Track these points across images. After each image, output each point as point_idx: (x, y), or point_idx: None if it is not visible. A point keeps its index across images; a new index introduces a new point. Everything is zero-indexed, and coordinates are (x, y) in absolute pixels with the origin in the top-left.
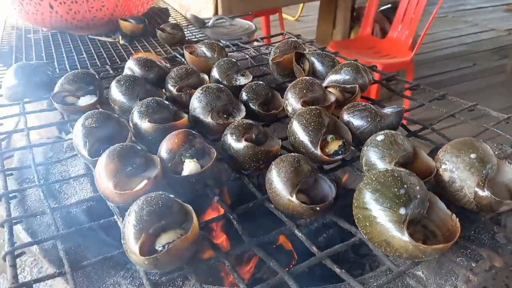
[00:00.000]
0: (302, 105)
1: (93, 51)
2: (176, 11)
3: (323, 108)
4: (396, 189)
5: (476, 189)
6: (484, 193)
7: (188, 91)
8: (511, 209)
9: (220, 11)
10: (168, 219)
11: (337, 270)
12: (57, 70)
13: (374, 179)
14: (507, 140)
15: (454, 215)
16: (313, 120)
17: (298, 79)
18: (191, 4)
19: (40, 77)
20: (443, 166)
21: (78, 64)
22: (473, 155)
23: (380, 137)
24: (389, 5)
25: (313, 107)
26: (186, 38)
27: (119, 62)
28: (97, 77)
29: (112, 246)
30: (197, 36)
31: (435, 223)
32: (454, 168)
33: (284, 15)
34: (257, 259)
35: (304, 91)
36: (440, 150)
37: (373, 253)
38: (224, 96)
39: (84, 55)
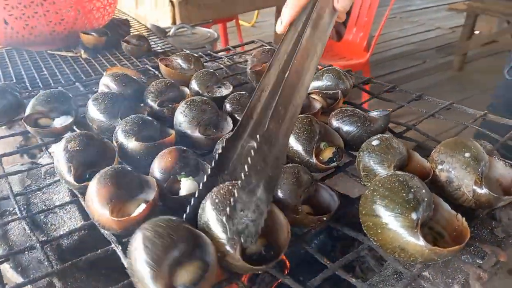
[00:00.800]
0: None
1: (54, 67)
2: (137, 21)
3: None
4: (404, 194)
5: (474, 187)
6: (483, 191)
7: (170, 105)
8: (507, 204)
9: (178, 20)
10: (183, 250)
11: (353, 281)
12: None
13: (380, 185)
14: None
15: (459, 215)
16: (305, 129)
17: None
18: (148, 14)
19: (7, 99)
20: (439, 167)
21: (40, 82)
22: (467, 154)
23: (375, 141)
24: None
25: (303, 115)
26: (152, 49)
27: (84, 78)
28: (70, 95)
29: (110, 277)
30: (162, 47)
31: (440, 224)
32: (450, 168)
33: (240, 22)
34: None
35: None
36: (434, 151)
37: (361, 254)
38: (210, 108)
39: (45, 72)
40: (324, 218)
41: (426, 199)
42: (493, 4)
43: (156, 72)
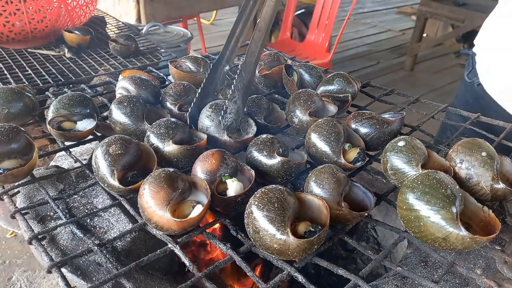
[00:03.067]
0: (309, 117)
1: (37, 66)
2: (114, 18)
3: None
4: (443, 190)
5: (492, 182)
6: (500, 186)
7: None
8: None
9: (143, 17)
10: None
11: (398, 269)
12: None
13: (419, 182)
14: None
15: (485, 207)
16: (333, 131)
17: (299, 91)
18: (110, 9)
19: (24, 102)
20: (459, 165)
21: (26, 82)
22: (484, 153)
23: (401, 143)
24: (303, 10)
25: (329, 118)
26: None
27: (73, 78)
28: (91, 98)
29: (162, 278)
30: (149, 47)
31: (467, 215)
32: (470, 166)
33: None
34: (261, 267)
35: (308, 103)
36: (451, 150)
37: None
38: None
39: (29, 71)
40: (366, 214)
41: (460, 194)
42: (440, 8)
43: (161, 74)
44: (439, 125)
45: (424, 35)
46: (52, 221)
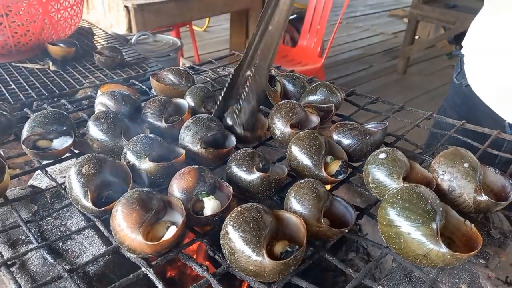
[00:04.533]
0: (291, 129)
1: (21, 80)
2: (100, 29)
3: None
4: (423, 205)
5: (474, 194)
6: (483, 198)
7: (176, 118)
8: (503, 208)
9: (134, 26)
10: None
11: None
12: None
13: (398, 197)
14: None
15: (467, 221)
16: (313, 144)
17: (281, 102)
18: (100, 19)
19: None
20: (441, 177)
21: (9, 97)
22: (466, 165)
23: (382, 155)
24: (295, 15)
25: (310, 130)
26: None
27: (57, 92)
28: (68, 115)
29: None
30: (134, 57)
31: (449, 230)
32: (452, 178)
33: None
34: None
35: (290, 114)
36: (434, 161)
37: (349, 258)
38: (215, 126)
39: (13, 86)
40: (346, 230)
41: (441, 208)
42: (431, 11)
43: (144, 87)
44: (427, 133)
45: (416, 37)
46: (24, 245)
